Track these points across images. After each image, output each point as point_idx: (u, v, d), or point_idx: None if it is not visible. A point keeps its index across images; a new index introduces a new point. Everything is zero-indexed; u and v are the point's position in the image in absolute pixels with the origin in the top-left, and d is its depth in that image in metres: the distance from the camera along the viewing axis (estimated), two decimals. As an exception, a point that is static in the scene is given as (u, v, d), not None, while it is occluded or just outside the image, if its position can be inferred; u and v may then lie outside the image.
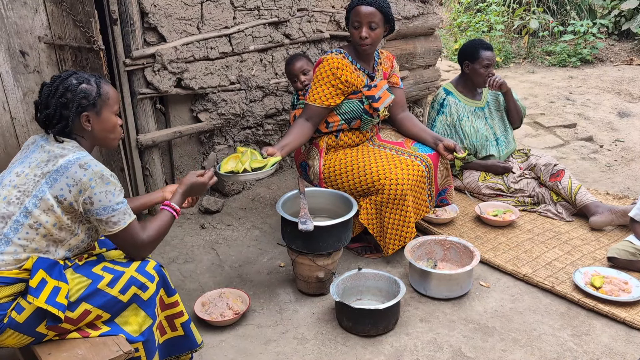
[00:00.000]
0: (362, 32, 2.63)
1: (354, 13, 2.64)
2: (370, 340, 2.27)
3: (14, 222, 1.66)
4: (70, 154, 1.70)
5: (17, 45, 2.57)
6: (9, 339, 1.66)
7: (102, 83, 1.79)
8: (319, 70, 2.72)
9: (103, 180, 1.69)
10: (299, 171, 3.00)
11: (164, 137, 3.16)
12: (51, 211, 1.67)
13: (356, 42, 2.69)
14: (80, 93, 1.73)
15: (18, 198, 1.68)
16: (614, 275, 2.56)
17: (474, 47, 3.40)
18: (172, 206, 1.95)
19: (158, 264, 1.84)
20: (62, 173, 1.67)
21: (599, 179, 3.96)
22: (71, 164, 1.67)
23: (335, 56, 2.71)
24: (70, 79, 1.75)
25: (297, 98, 3.03)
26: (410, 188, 2.63)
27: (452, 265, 2.69)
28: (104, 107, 1.78)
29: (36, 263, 1.66)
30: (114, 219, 1.72)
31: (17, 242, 1.66)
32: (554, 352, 2.18)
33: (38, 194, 1.67)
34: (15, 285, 1.66)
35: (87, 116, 1.76)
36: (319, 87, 2.70)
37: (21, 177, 1.70)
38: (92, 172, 1.68)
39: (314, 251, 2.43)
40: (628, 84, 6.36)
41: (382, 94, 2.75)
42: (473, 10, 8.83)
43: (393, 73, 2.97)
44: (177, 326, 1.91)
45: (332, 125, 2.78)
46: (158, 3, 2.91)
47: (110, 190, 1.71)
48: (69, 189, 1.67)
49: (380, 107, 2.74)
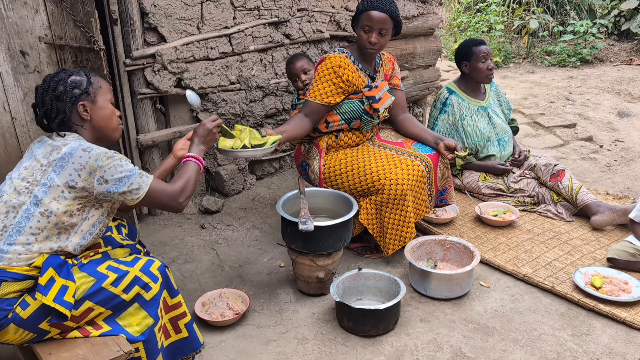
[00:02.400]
0: (372, 37, 2.64)
1: (365, 17, 2.63)
2: (371, 340, 2.27)
3: (25, 211, 1.69)
4: (72, 142, 1.74)
5: (18, 45, 2.57)
6: (11, 334, 1.67)
7: (92, 75, 1.84)
8: (321, 67, 2.72)
9: (107, 156, 1.72)
10: (299, 171, 3.00)
11: (164, 137, 3.16)
12: (62, 198, 1.70)
13: (364, 45, 2.69)
14: (72, 84, 1.78)
15: (27, 188, 1.71)
16: (614, 276, 2.56)
17: (467, 46, 3.43)
18: (194, 156, 1.96)
19: (163, 264, 1.84)
20: (67, 160, 1.70)
21: (598, 179, 3.97)
22: (74, 150, 1.71)
23: (337, 55, 2.71)
24: (60, 74, 1.80)
25: (297, 98, 3.03)
26: (410, 188, 2.63)
27: (452, 266, 2.70)
28: (98, 94, 1.82)
29: (46, 261, 1.68)
30: (134, 185, 1.75)
31: (28, 230, 1.68)
32: (554, 352, 2.19)
33: (47, 182, 1.70)
34: (24, 282, 1.68)
35: (84, 105, 1.80)
36: (320, 84, 2.70)
37: (29, 170, 1.74)
38: (95, 153, 1.71)
39: (314, 251, 2.43)
40: (628, 84, 6.37)
41: (382, 95, 2.76)
42: (473, 10, 8.84)
43: (394, 75, 2.98)
44: (181, 328, 1.91)
45: (332, 125, 2.78)
46: (158, 3, 2.91)
47: (118, 163, 1.73)
48: (78, 174, 1.69)
49: (380, 108, 2.74)
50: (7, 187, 1.75)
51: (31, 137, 2.73)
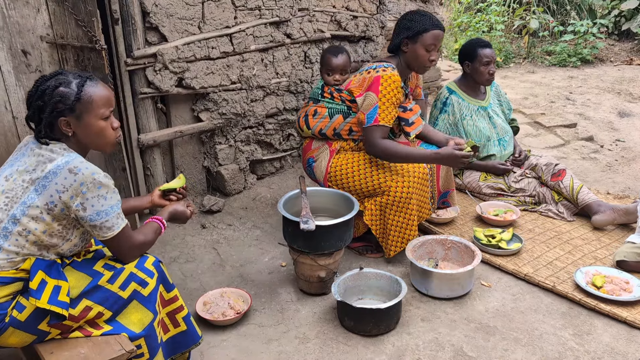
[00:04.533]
0: (433, 55, 2.67)
1: (432, 36, 2.63)
2: (372, 339, 2.27)
3: (3, 229, 1.64)
4: (59, 157, 1.64)
5: (19, 44, 2.57)
6: (12, 337, 1.66)
7: (86, 86, 1.67)
8: (384, 87, 2.62)
9: (95, 184, 1.63)
10: (304, 165, 2.99)
11: (165, 137, 3.16)
12: (40, 219, 1.64)
13: (423, 64, 2.69)
14: (56, 97, 1.64)
15: (6, 204, 1.64)
16: (615, 275, 2.56)
17: (472, 47, 3.41)
18: (161, 220, 1.94)
19: (157, 259, 1.84)
20: (50, 179, 1.62)
21: (599, 178, 3.97)
22: (60, 169, 1.62)
23: (393, 72, 2.65)
24: (50, 81, 1.67)
25: (321, 93, 2.88)
26: (415, 192, 2.64)
27: (453, 265, 2.70)
28: (86, 112, 1.67)
29: (34, 264, 1.66)
30: (108, 223, 1.68)
31: (7, 248, 1.64)
32: (555, 352, 2.19)
33: (27, 201, 1.63)
34: (14, 285, 1.66)
35: (67, 121, 1.67)
36: (389, 106, 2.63)
37: (9, 182, 1.66)
38: (82, 176, 1.61)
39: (316, 251, 2.43)
40: (628, 84, 6.37)
41: (415, 119, 2.75)
42: (473, 10, 8.84)
43: (418, 86, 2.99)
44: (179, 322, 1.91)
45: (355, 134, 2.79)
46: (159, 3, 2.91)
47: (103, 194, 1.65)
48: (59, 196, 1.61)
49: (412, 133, 2.75)
50: None
51: (32, 137, 2.73)
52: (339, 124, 2.79)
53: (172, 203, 2.10)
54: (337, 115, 2.79)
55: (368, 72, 2.70)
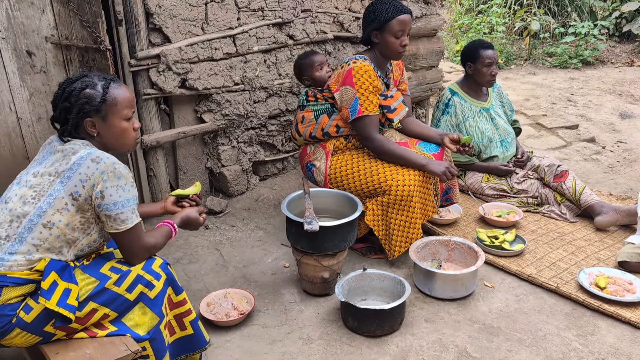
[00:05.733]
0: (405, 40, 2.68)
1: (398, 22, 2.64)
2: (376, 340, 2.27)
3: (28, 221, 1.68)
4: (81, 149, 1.72)
5: (24, 45, 2.57)
6: (17, 338, 1.67)
7: (111, 88, 1.76)
8: (357, 78, 2.65)
9: (115, 173, 1.69)
10: (304, 172, 3.00)
11: (168, 138, 3.16)
12: (64, 210, 1.69)
13: (396, 50, 2.70)
14: (83, 98, 1.72)
15: (34, 198, 1.70)
16: (618, 276, 2.56)
17: (475, 48, 3.41)
18: (173, 225, 1.95)
19: (165, 261, 1.84)
20: (74, 170, 1.68)
21: (601, 180, 3.97)
22: (83, 160, 1.69)
23: (364, 63, 2.69)
24: (77, 82, 1.74)
25: (306, 99, 2.94)
26: (417, 189, 2.64)
27: (456, 266, 2.70)
28: (111, 113, 1.76)
29: (48, 265, 1.67)
30: (122, 216, 1.72)
31: (30, 241, 1.67)
32: (559, 352, 2.19)
33: (53, 193, 1.69)
34: (26, 286, 1.67)
35: (92, 122, 1.75)
36: (368, 95, 2.67)
37: (37, 178, 1.73)
38: (104, 165, 1.68)
39: (319, 251, 2.43)
40: (629, 85, 6.37)
41: (397, 105, 2.76)
42: (474, 11, 8.85)
43: (402, 81, 2.99)
44: (186, 325, 1.91)
45: (343, 131, 2.79)
46: (163, 4, 2.92)
47: (122, 185, 1.70)
48: (83, 185, 1.68)
49: (395, 119, 2.76)
50: (13, 194, 1.73)
51: (37, 137, 2.74)
52: (325, 124, 2.81)
53: (185, 209, 2.10)
54: (322, 115, 2.82)
55: (342, 67, 2.75)
